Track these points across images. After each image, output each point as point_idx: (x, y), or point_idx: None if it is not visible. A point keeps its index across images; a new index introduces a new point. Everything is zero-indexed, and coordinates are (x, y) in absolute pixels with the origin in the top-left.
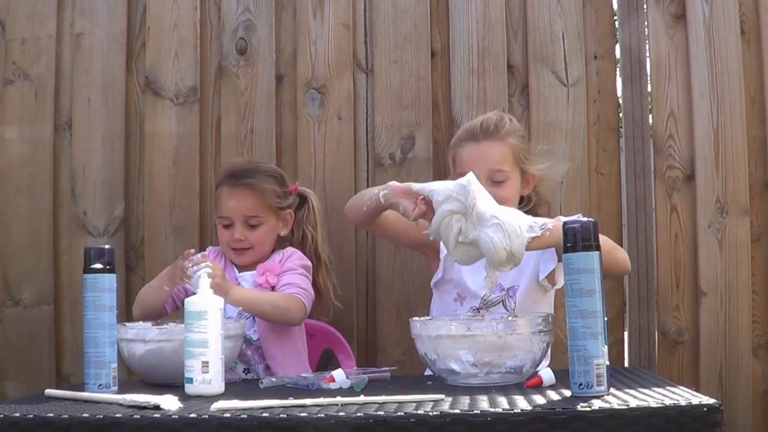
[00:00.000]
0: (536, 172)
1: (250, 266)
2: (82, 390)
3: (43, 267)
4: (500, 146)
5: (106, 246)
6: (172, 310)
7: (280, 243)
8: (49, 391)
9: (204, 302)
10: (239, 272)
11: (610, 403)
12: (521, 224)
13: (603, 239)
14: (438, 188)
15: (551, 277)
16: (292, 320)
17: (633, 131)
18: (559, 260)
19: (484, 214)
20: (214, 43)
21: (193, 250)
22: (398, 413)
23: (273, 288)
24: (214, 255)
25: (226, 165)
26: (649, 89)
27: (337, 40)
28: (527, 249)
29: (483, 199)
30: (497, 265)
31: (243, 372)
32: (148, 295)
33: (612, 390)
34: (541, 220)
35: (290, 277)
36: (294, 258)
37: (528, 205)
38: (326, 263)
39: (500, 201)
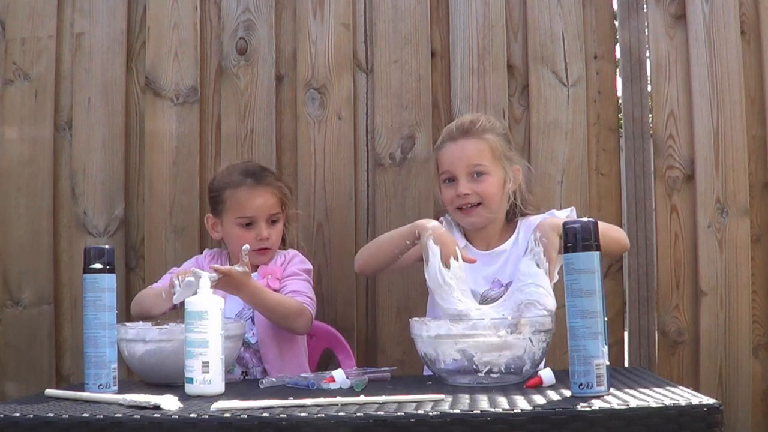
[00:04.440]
0: (519, 175)
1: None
2: (82, 390)
3: (43, 267)
4: (477, 142)
5: (106, 246)
6: (170, 310)
7: None
8: (49, 391)
9: (204, 302)
10: None
11: (610, 403)
12: (532, 271)
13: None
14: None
15: None
16: (298, 329)
17: (633, 131)
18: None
19: (511, 304)
20: (214, 43)
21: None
22: (398, 413)
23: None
24: (211, 257)
25: (230, 168)
26: (649, 89)
27: (337, 40)
28: (550, 269)
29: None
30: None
31: (241, 375)
32: (149, 301)
33: (612, 390)
34: (536, 254)
35: (297, 284)
36: (296, 261)
37: (514, 213)
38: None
39: (484, 196)
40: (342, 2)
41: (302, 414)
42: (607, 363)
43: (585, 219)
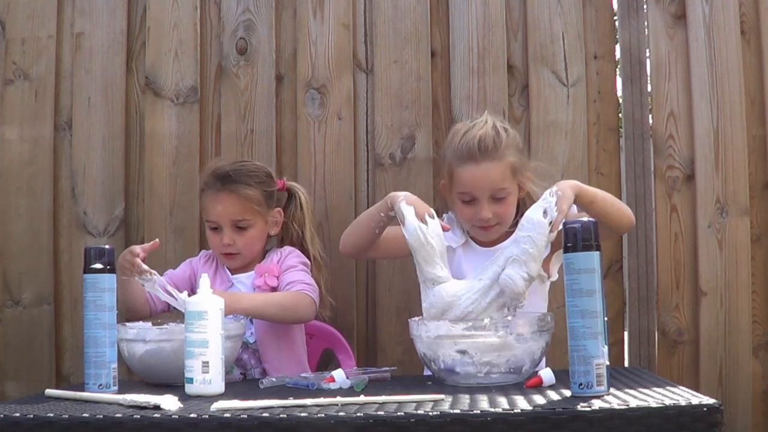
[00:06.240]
0: (530, 183)
1: (245, 268)
2: (82, 390)
3: (43, 267)
4: (499, 165)
5: (106, 246)
6: (162, 310)
7: (271, 240)
8: (49, 391)
9: (204, 302)
10: (232, 274)
11: (610, 403)
12: (537, 219)
13: (601, 192)
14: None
15: (545, 266)
16: (303, 317)
17: (633, 131)
18: (553, 251)
19: (501, 258)
20: (214, 43)
21: (139, 250)
22: (398, 413)
23: (274, 290)
24: (205, 259)
25: (210, 167)
26: (649, 89)
27: (337, 40)
28: (557, 220)
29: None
30: (520, 297)
31: (240, 376)
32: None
33: (612, 390)
34: (547, 203)
35: (293, 275)
36: (292, 256)
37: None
38: (317, 259)
39: (504, 217)
40: (342, 2)
41: (302, 414)
42: (607, 363)
43: (585, 219)
